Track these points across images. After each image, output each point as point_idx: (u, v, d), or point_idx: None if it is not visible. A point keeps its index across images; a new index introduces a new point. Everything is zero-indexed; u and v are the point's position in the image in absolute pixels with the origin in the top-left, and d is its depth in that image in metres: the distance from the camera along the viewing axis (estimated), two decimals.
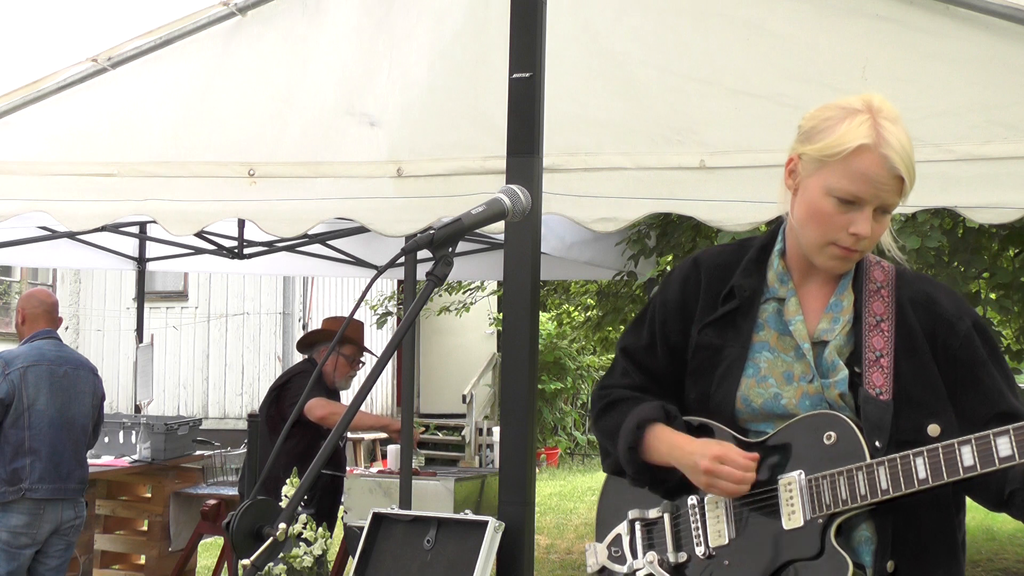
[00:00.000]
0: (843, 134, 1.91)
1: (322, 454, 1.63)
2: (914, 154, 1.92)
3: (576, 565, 8.89)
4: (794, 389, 1.97)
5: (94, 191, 3.87)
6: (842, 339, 1.98)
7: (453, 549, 2.90)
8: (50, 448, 4.92)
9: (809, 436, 1.92)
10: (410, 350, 6.37)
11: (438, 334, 16.06)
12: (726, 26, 3.39)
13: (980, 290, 6.38)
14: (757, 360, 2.02)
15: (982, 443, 1.76)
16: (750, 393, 2.00)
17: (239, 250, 6.64)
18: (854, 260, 2.00)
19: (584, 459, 16.86)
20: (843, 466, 1.87)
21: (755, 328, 2.04)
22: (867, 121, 1.91)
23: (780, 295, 2.04)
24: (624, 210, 3.55)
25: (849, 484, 1.86)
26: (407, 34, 3.73)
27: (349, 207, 3.84)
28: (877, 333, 1.96)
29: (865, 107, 1.94)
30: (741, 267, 2.08)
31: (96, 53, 3.83)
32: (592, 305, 10.33)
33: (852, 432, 1.88)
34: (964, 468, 1.77)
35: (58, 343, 5.17)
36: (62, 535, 5.05)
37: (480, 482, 5.26)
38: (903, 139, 1.90)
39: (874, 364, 1.93)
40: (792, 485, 1.91)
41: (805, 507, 1.89)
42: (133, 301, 10.08)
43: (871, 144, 1.89)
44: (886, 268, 2.06)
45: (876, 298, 2.00)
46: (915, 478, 1.81)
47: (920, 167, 1.91)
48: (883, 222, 1.95)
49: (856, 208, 1.91)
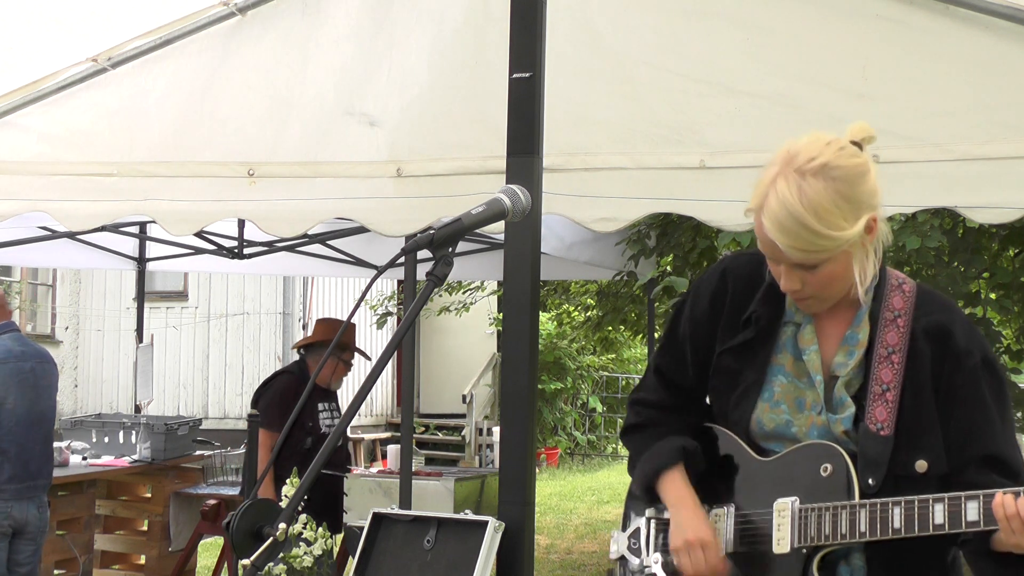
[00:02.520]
0: (753, 192, 1.91)
1: (321, 454, 1.63)
2: (817, 212, 1.81)
3: (576, 565, 8.89)
4: (805, 418, 2.00)
5: (94, 191, 3.87)
6: (852, 373, 1.98)
7: (453, 549, 2.90)
8: (19, 447, 4.80)
9: (809, 464, 1.96)
10: (410, 350, 6.38)
11: (438, 334, 16.06)
12: (726, 26, 3.39)
13: (980, 290, 6.37)
14: (773, 384, 2.04)
15: (953, 505, 1.80)
16: (763, 417, 2.03)
17: (239, 250, 6.64)
18: (816, 306, 1.98)
19: (584, 459, 16.86)
20: (832, 500, 1.91)
21: (775, 350, 2.05)
22: (766, 179, 1.88)
23: (797, 320, 2.04)
24: (624, 210, 3.55)
25: (833, 521, 1.89)
26: (407, 34, 3.73)
27: (349, 207, 3.84)
28: (887, 365, 1.95)
29: (781, 159, 1.89)
30: (761, 292, 2.06)
31: (96, 53, 3.82)
32: (592, 305, 10.33)
33: (846, 468, 1.91)
34: (934, 526, 1.81)
35: (19, 336, 5.01)
36: (29, 539, 4.89)
37: (480, 482, 5.27)
38: (790, 199, 1.82)
39: (879, 398, 1.93)
40: (784, 511, 1.95)
41: (793, 535, 1.93)
42: (133, 301, 10.07)
43: (755, 208, 1.89)
44: (907, 292, 2.01)
45: (891, 328, 1.97)
46: (890, 527, 1.85)
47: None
48: (821, 272, 1.89)
49: (777, 264, 1.93)
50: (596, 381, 17.56)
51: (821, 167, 1.84)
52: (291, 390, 5.47)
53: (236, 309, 15.09)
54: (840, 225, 1.84)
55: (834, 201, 1.83)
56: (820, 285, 1.92)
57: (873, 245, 1.94)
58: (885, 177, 3.21)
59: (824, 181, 1.83)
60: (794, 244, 1.84)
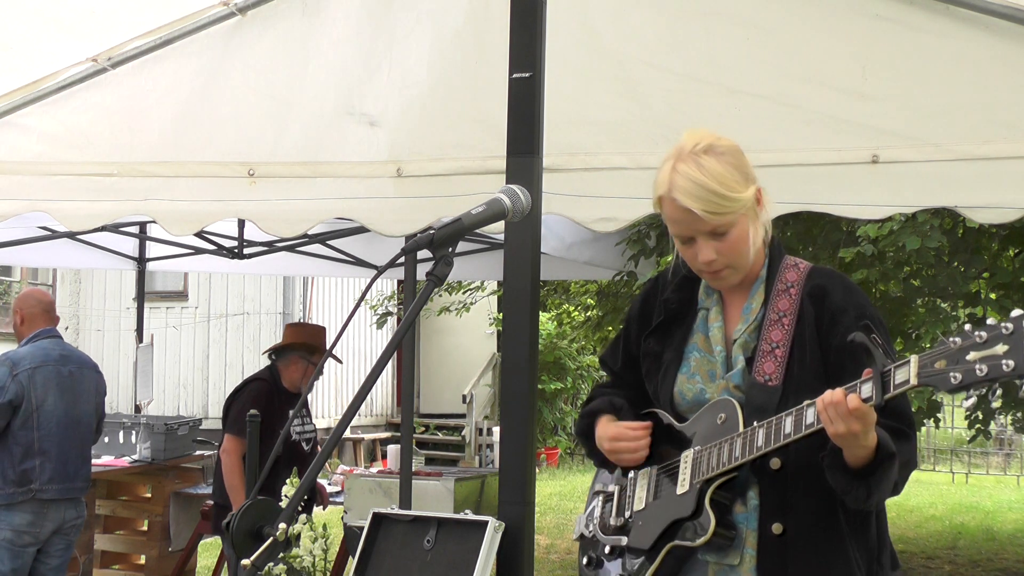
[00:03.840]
0: (654, 187, 2.24)
1: (320, 457, 1.64)
2: (719, 179, 2.15)
3: (576, 565, 8.89)
4: (715, 386, 2.26)
5: (94, 191, 3.87)
6: (747, 336, 2.25)
7: (453, 549, 2.90)
8: (59, 448, 4.93)
9: (709, 418, 2.23)
10: (410, 350, 6.38)
11: (438, 334, 16.06)
12: (726, 26, 3.39)
13: (980, 290, 6.38)
14: (689, 360, 2.32)
15: (798, 413, 2.03)
16: (683, 388, 2.30)
17: (239, 250, 6.64)
18: (730, 277, 2.27)
19: (584, 459, 16.84)
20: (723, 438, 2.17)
21: (691, 332, 2.34)
22: (666, 169, 2.21)
23: (707, 305, 2.34)
24: (624, 210, 3.55)
25: (718, 455, 2.15)
26: (407, 34, 3.73)
27: (349, 207, 3.84)
28: (777, 328, 2.22)
29: (672, 155, 2.22)
30: (675, 283, 2.39)
31: (96, 53, 3.82)
32: (592, 305, 10.33)
33: (735, 412, 2.17)
34: (784, 435, 2.03)
35: (60, 342, 5.18)
36: (64, 534, 5.06)
37: (480, 482, 5.26)
38: (694, 174, 2.16)
39: (768, 355, 2.20)
40: (687, 458, 2.23)
41: (691, 475, 2.20)
42: (133, 301, 10.07)
43: (664, 193, 2.21)
44: (801, 268, 2.30)
45: (783, 297, 2.25)
46: (756, 445, 2.08)
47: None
48: (730, 237, 2.19)
49: (692, 243, 2.22)
50: (596, 381, 17.55)
51: (708, 147, 2.19)
52: (264, 396, 5.32)
53: (236, 309, 15.09)
54: (738, 189, 2.17)
55: (727, 170, 2.17)
56: (731, 250, 2.20)
57: (762, 217, 2.24)
58: (885, 177, 3.24)
59: (715, 156, 2.18)
60: (707, 208, 2.14)
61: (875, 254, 5.69)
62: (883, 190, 3.23)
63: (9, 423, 4.85)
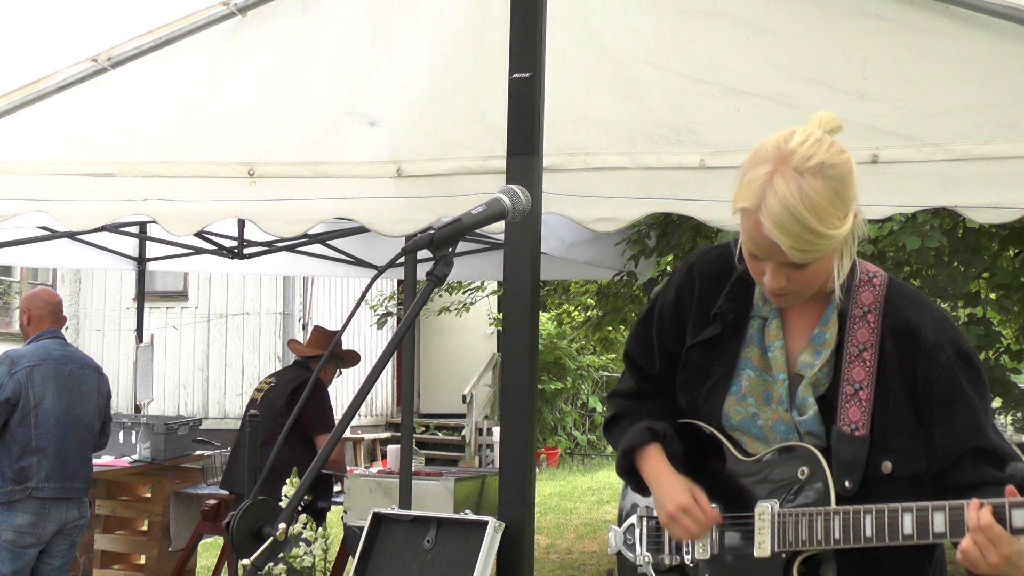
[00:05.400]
0: (738, 191, 1.89)
1: (321, 455, 1.64)
2: (818, 212, 1.80)
3: (576, 565, 8.89)
4: (771, 411, 2.00)
5: (94, 191, 3.87)
6: (821, 374, 1.97)
7: (453, 549, 2.90)
8: (56, 447, 4.93)
9: (787, 468, 1.97)
10: (410, 350, 6.37)
11: (438, 334, 16.06)
12: (726, 26, 3.39)
13: (980, 290, 6.38)
14: (740, 378, 2.04)
15: (921, 515, 1.79)
16: (731, 410, 2.04)
17: (239, 250, 6.64)
18: (795, 301, 1.97)
19: (584, 459, 16.86)
20: (810, 505, 1.92)
21: (742, 344, 2.05)
22: (760, 177, 1.84)
23: (763, 314, 2.04)
24: (624, 210, 3.55)
25: (809, 527, 1.90)
26: (407, 34, 3.73)
27: (349, 207, 3.84)
28: (859, 363, 1.94)
29: (774, 157, 1.85)
30: (728, 287, 2.07)
31: (96, 53, 3.82)
32: (592, 305, 10.32)
33: (823, 473, 1.92)
34: (903, 536, 1.81)
35: (63, 343, 5.19)
36: (66, 535, 5.06)
37: (480, 482, 5.26)
38: (792, 199, 1.80)
39: (852, 398, 1.92)
40: (764, 515, 1.96)
41: (774, 539, 1.94)
42: (133, 301, 10.09)
43: (751, 208, 1.85)
44: (877, 287, 1.99)
45: (861, 325, 1.95)
46: (862, 535, 1.84)
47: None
48: (810, 270, 1.88)
49: (762, 261, 1.90)
50: (596, 381, 17.56)
51: (819, 166, 1.82)
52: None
53: (236, 309, 15.09)
54: (836, 224, 1.83)
55: (831, 200, 1.82)
56: (804, 282, 1.91)
57: (851, 245, 1.93)
58: (885, 177, 3.23)
59: (823, 180, 1.82)
60: (795, 245, 1.81)
61: (875, 254, 5.69)
62: (883, 190, 3.23)
63: (7, 421, 4.86)
